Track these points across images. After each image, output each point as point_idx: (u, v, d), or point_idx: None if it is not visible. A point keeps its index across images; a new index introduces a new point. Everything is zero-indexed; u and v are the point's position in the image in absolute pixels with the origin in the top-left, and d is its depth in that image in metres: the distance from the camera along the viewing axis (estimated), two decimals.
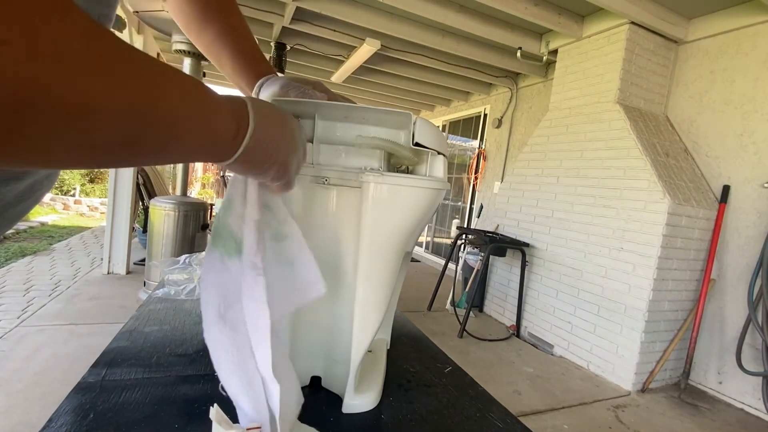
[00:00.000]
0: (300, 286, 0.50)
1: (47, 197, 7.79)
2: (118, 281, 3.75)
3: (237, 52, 0.68)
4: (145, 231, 4.30)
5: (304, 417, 0.52)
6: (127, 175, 3.87)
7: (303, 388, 0.63)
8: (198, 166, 10.59)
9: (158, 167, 6.95)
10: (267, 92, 0.64)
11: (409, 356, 0.82)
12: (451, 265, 4.17)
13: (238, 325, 0.44)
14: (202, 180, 10.60)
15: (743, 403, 2.59)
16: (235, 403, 0.45)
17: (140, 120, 0.25)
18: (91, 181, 8.65)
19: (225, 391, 0.45)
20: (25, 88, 0.18)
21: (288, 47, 4.11)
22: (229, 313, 0.44)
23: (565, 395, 2.51)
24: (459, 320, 3.37)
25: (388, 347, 0.81)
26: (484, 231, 3.93)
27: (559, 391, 2.57)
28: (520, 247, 3.48)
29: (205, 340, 0.44)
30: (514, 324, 3.54)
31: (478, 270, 3.71)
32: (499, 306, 3.84)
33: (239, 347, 0.44)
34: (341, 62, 4.57)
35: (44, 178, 0.49)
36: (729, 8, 2.75)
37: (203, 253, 1.12)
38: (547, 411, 2.30)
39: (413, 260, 6.19)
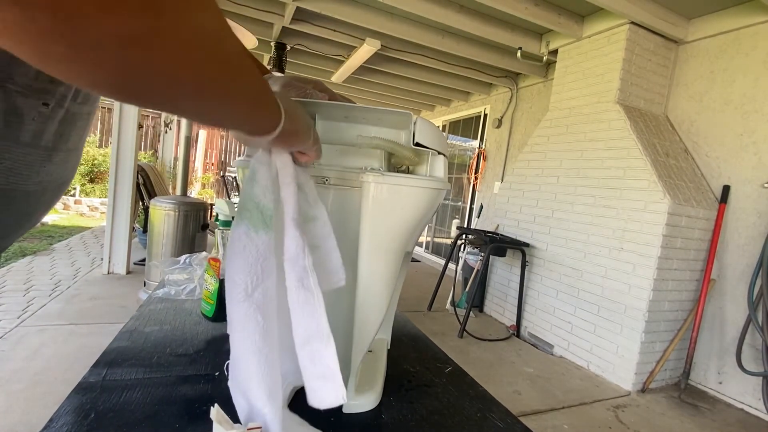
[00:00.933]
0: (324, 272, 0.49)
1: None
2: (119, 281, 3.75)
3: None
4: (145, 231, 4.30)
5: (304, 417, 0.52)
6: (127, 175, 3.87)
7: (303, 388, 0.63)
8: (198, 167, 10.59)
9: (158, 167, 6.96)
10: None
11: (409, 356, 0.82)
12: (451, 265, 4.17)
13: (266, 306, 0.43)
14: (202, 180, 10.61)
15: (743, 403, 2.59)
16: (240, 390, 0.44)
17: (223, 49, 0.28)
18: (91, 181, 8.65)
19: (227, 372, 0.45)
20: None
21: (288, 47, 4.11)
22: (256, 293, 0.43)
23: (565, 395, 2.52)
24: (459, 320, 3.37)
25: (389, 347, 0.81)
26: (484, 231, 3.93)
27: (559, 391, 2.57)
28: (520, 247, 3.48)
29: (227, 317, 0.43)
30: (514, 324, 3.54)
31: (478, 270, 3.71)
32: (499, 306, 3.84)
33: (263, 332, 0.43)
34: (341, 62, 4.57)
35: (73, 163, 0.51)
36: (729, 8, 2.75)
37: (204, 252, 1.12)
38: (547, 411, 2.30)
39: (413, 260, 6.20)
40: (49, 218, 6.79)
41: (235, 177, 7.92)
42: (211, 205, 4.51)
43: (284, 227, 0.44)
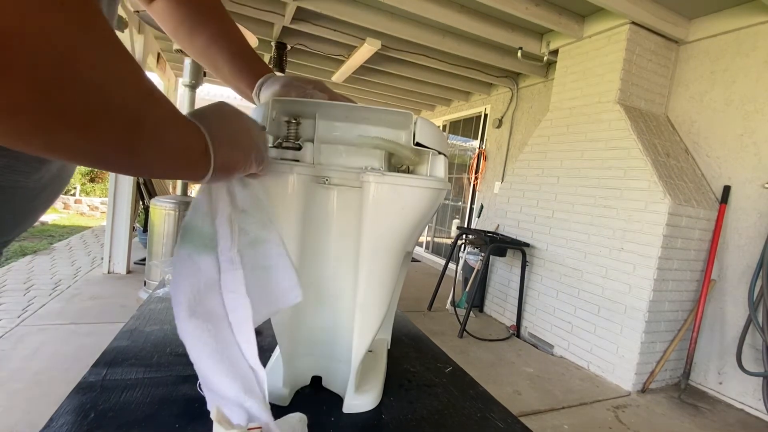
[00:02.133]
0: (277, 291, 0.50)
1: None
2: (119, 281, 3.75)
3: (233, 55, 0.67)
4: (145, 230, 4.30)
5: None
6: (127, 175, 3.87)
7: (303, 388, 0.64)
8: None
9: None
10: (268, 92, 0.64)
11: (409, 356, 0.82)
12: (452, 265, 4.17)
13: (211, 317, 0.44)
14: None
15: (743, 403, 2.59)
16: (216, 397, 0.44)
17: (135, 99, 0.28)
18: (92, 180, 8.66)
19: (202, 390, 0.45)
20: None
21: (289, 47, 4.11)
22: (199, 309, 0.44)
23: (565, 395, 2.51)
24: (459, 320, 3.37)
25: (389, 347, 0.81)
26: (485, 231, 3.93)
27: (559, 391, 2.57)
28: (521, 247, 3.48)
29: (180, 337, 0.44)
30: (515, 324, 3.54)
31: (478, 270, 3.71)
32: (500, 306, 3.84)
33: (217, 338, 0.44)
34: (342, 62, 4.57)
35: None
36: (730, 8, 2.75)
37: None
38: (547, 411, 2.30)
39: (413, 260, 6.19)
40: (50, 218, 6.80)
41: None
42: None
43: (219, 263, 0.46)
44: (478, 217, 4.85)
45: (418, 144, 0.56)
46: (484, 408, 0.65)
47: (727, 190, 2.74)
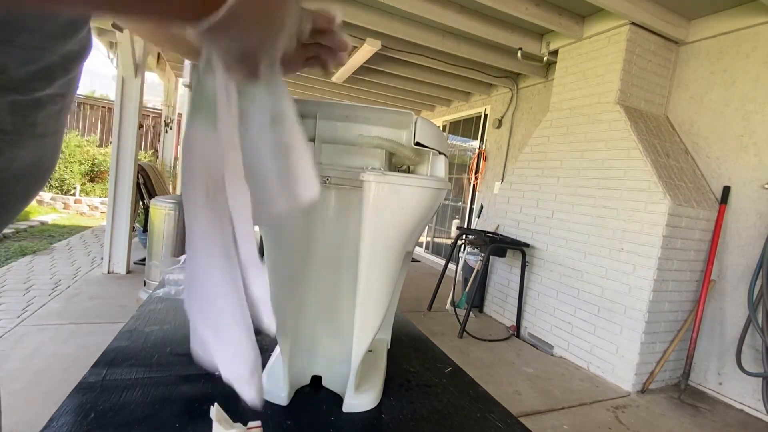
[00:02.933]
0: (298, 178, 0.40)
1: (47, 196, 7.79)
2: (119, 281, 3.75)
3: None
4: (145, 230, 4.30)
5: (304, 416, 0.52)
6: (127, 175, 3.87)
7: (303, 387, 0.64)
8: None
9: (159, 167, 6.95)
10: None
11: (409, 356, 0.82)
12: (451, 266, 4.17)
13: (223, 213, 0.37)
14: None
15: (743, 404, 2.59)
16: (205, 317, 0.39)
17: None
18: (92, 180, 8.66)
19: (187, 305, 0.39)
20: None
21: None
22: (218, 196, 0.36)
23: (564, 396, 2.51)
24: (459, 320, 3.37)
25: (389, 347, 0.81)
26: (485, 231, 3.93)
27: (559, 391, 2.57)
28: (521, 247, 3.48)
29: (187, 227, 0.37)
30: (514, 324, 3.54)
31: (478, 270, 3.71)
32: (499, 306, 3.84)
33: (227, 245, 0.37)
34: None
35: (49, 152, 0.47)
36: (729, 9, 2.75)
37: None
38: (547, 411, 2.30)
39: (413, 260, 6.19)
40: (49, 217, 6.79)
41: None
42: None
43: (227, 185, 0.36)
44: (478, 218, 4.85)
45: (418, 144, 0.56)
46: (483, 408, 0.65)
47: (726, 190, 2.74)
